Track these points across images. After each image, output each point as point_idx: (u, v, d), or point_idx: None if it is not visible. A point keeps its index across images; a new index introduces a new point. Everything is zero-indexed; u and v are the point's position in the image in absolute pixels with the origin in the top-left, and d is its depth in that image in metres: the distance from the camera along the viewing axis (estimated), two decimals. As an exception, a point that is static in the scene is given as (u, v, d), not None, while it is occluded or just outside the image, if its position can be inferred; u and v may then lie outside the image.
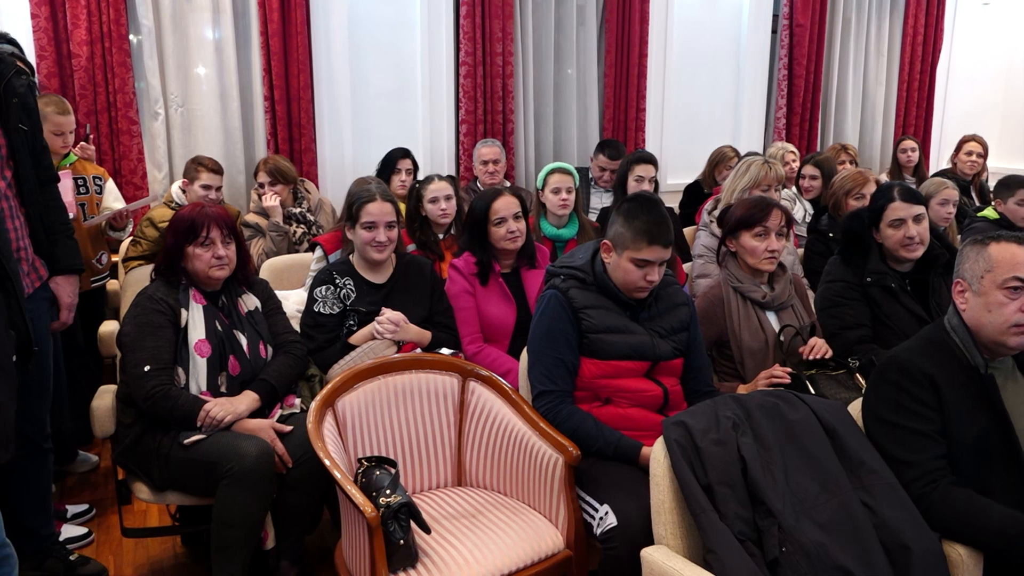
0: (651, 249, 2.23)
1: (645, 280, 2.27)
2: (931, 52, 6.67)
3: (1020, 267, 1.86)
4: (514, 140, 5.12)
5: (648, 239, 2.23)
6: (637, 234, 2.24)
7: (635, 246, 2.24)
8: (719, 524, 1.71)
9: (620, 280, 2.29)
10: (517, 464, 2.31)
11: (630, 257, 2.25)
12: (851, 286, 2.80)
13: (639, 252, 2.24)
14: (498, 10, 4.90)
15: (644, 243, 2.23)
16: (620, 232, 2.27)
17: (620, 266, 2.28)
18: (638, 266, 2.25)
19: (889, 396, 1.93)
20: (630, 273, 2.26)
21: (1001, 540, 1.74)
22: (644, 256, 2.24)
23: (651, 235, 2.23)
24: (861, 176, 3.75)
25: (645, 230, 2.23)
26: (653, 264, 2.26)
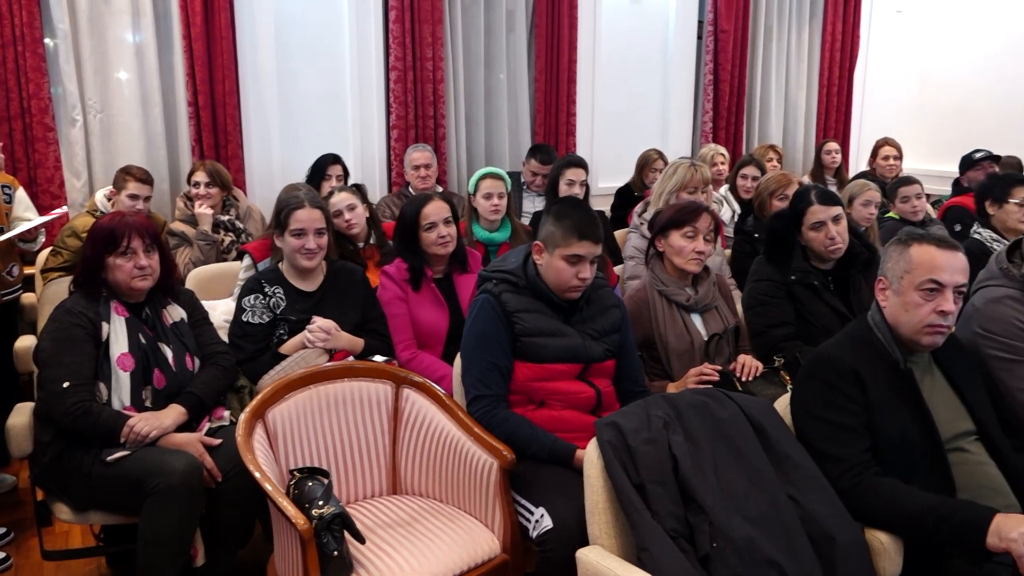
0: (581, 244, 2.26)
1: (577, 278, 2.28)
2: (848, 58, 6.90)
3: (937, 270, 1.93)
4: (446, 145, 5.11)
5: (578, 235, 2.26)
6: (567, 231, 2.27)
7: (566, 243, 2.26)
8: (652, 522, 1.73)
9: (553, 280, 2.31)
10: (452, 470, 2.30)
11: (561, 254, 2.27)
12: (776, 285, 2.88)
13: (570, 248, 2.26)
14: (427, 15, 4.88)
15: (574, 239, 2.26)
16: (550, 231, 2.30)
17: (552, 265, 2.30)
18: (570, 263, 2.27)
19: (817, 392, 1.99)
20: (563, 272, 2.28)
21: (922, 526, 1.80)
22: (575, 251, 2.26)
23: (580, 231, 2.26)
24: (784, 178, 3.86)
25: (575, 226, 2.27)
26: (584, 260, 2.28)
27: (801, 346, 2.72)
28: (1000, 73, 6.59)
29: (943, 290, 1.92)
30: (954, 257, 1.95)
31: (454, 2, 5.05)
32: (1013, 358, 2.08)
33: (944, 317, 1.92)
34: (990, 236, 3.46)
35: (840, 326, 2.29)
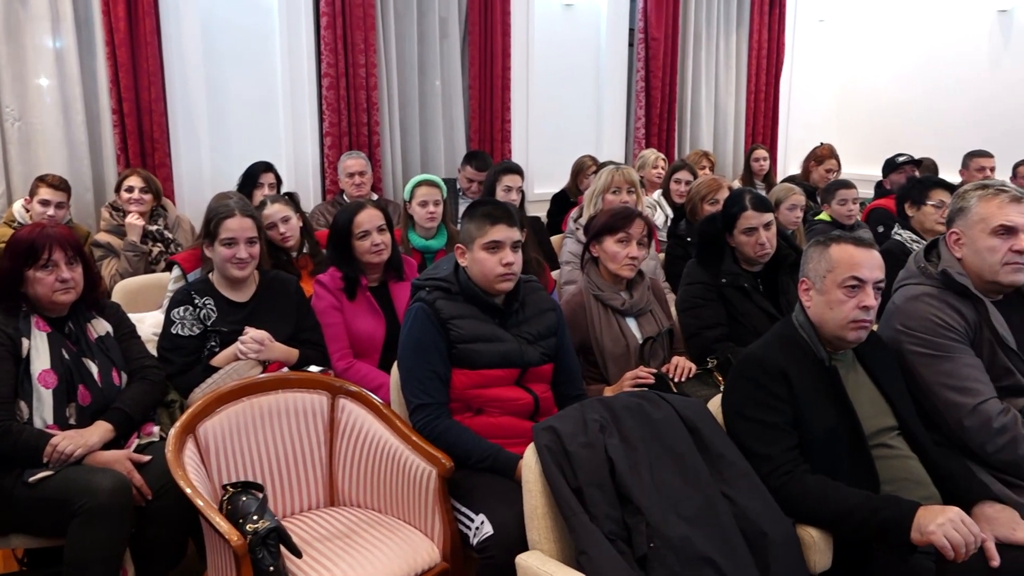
0: (496, 228, 2.28)
1: (502, 265, 2.29)
2: (775, 65, 7.09)
3: (857, 268, 2.00)
4: (380, 152, 5.08)
5: (490, 220, 2.29)
6: (480, 221, 2.30)
7: (481, 232, 2.29)
8: (590, 525, 1.75)
9: (480, 275, 2.31)
10: (390, 479, 2.28)
11: (481, 244, 2.29)
12: (708, 287, 2.93)
13: (486, 235, 2.28)
14: (359, 21, 4.84)
15: (488, 225, 2.29)
16: (466, 228, 2.34)
17: (476, 260, 2.30)
18: (491, 251, 2.28)
19: (746, 392, 2.03)
20: (486, 262, 2.29)
21: (850, 520, 1.85)
22: (492, 237, 2.28)
23: (492, 216, 2.30)
24: (715, 182, 3.94)
25: (485, 214, 2.32)
26: (504, 245, 2.29)
27: (733, 347, 2.78)
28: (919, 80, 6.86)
29: (864, 286, 1.99)
30: (871, 255, 2.03)
31: (387, 9, 5.02)
32: (932, 353, 2.15)
33: (866, 312, 1.99)
34: (910, 237, 3.59)
35: (770, 326, 2.34)
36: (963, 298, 2.19)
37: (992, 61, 6.48)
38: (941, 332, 2.15)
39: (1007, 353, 2.14)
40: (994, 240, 2.16)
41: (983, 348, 2.16)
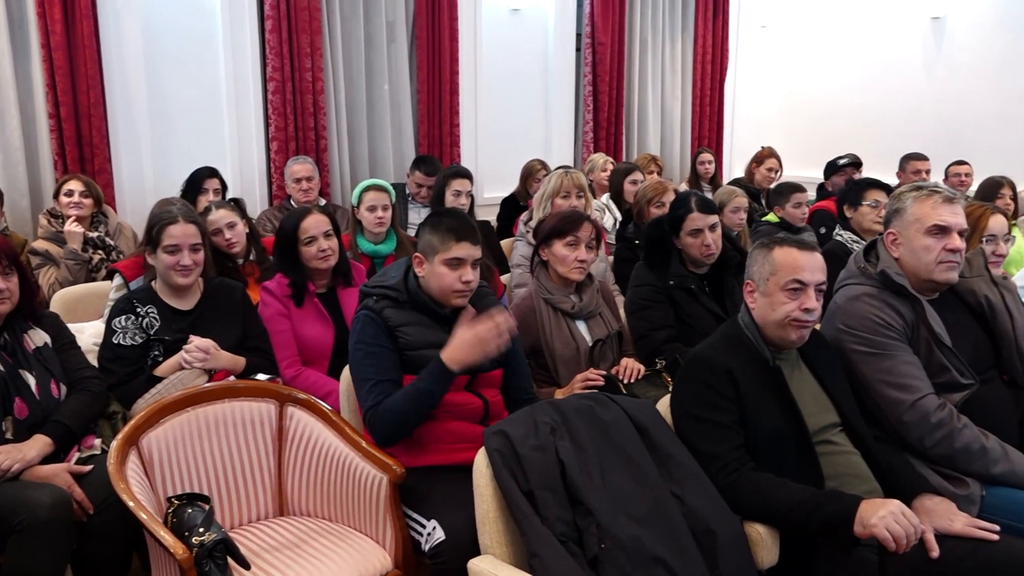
0: (460, 246, 2.26)
1: (461, 282, 2.28)
2: (719, 70, 7.22)
3: (799, 271, 2.05)
4: (328, 157, 5.03)
5: (456, 236, 2.26)
6: (444, 235, 2.27)
7: (444, 247, 2.26)
8: (541, 528, 1.76)
9: (437, 288, 2.30)
10: (341, 487, 2.26)
11: (442, 259, 2.27)
12: (656, 289, 2.97)
13: (449, 251, 2.26)
14: (305, 25, 4.79)
15: (452, 241, 2.26)
16: (428, 240, 2.30)
17: (435, 273, 2.29)
18: (451, 267, 2.27)
19: (694, 392, 2.06)
20: (445, 277, 2.27)
21: (796, 516, 1.89)
22: (455, 254, 2.26)
23: (458, 233, 2.27)
24: (661, 186, 4.00)
25: (451, 229, 2.28)
26: (465, 263, 2.28)
27: (681, 348, 2.81)
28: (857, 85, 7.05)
29: (806, 288, 2.04)
30: (813, 258, 2.07)
31: (333, 12, 4.98)
32: (872, 352, 2.21)
33: (808, 313, 2.04)
34: (850, 237, 3.68)
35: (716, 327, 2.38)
36: (901, 297, 2.25)
37: (926, 67, 6.69)
38: (881, 331, 2.21)
39: (943, 350, 2.21)
40: (929, 239, 2.22)
41: (920, 346, 2.22)
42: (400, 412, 2.18)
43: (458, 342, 2.17)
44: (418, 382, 2.19)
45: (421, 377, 2.19)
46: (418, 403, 2.18)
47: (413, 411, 2.18)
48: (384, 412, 2.18)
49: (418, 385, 2.18)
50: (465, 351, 2.16)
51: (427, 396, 2.18)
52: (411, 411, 2.18)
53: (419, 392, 2.18)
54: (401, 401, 2.18)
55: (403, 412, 2.18)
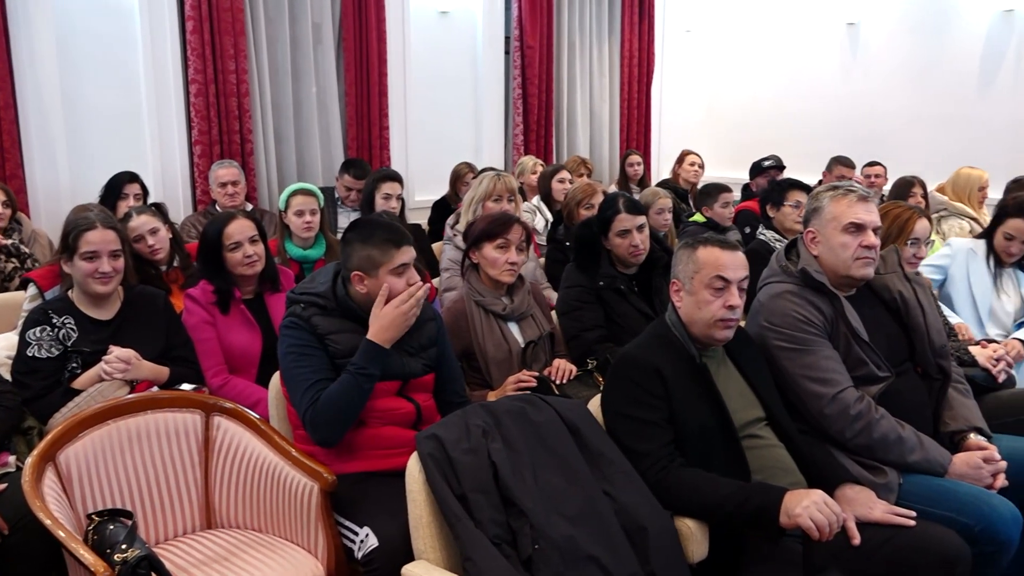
0: (401, 252, 2.25)
1: (409, 285, 2.27)
2: (645, 73, 7.34)
3: (722, 268, 2.09)
4: (254, 160, 4.93)
5: (395, 244, 2.25)
6: (383, 246, 2.24)
7: (388, 258, 2.24)
8: (474, 531, 1.75)
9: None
10: (270, 497, 2.21)
11: (389, 270, 2.24)
12: (586, 290, 3.00)
13: (393, 260, 2.24)
14: (228, 26, 4.69)
15: (393, 249, 2.24)
16: (367, 255, 2.25)
17: (383, 285, 2.25)
18: (399, 275, 2.25)
19: (623, 391, 2.09)
20: (396, 286, 2.25)
21: (724, 509, 1.93)
22: (400, 260, 2.24)
23: (395, 240, 2.25)
24: (590, 187, 4.04)
25: (387, 239, 2.25)
26: (409, 266, 2.27)
27: (612, 347, 2.84)
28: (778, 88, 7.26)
29: (729, 286, 2.09)
30: (735, 256, 2.12)
31: (256, 14, 4.88)
32: (794, 347, 2.27)
33: (732, 311, 2.08)
34: (773, 236, 3.78)
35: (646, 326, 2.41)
36: (820, 294, 2.32)
37: (843, 71, 6.92)
38: (802, 327, 2.28)
39: (860, 345, 2.28)
40: (845, 237, 2.30)
41: (839, 341, 2.29)
42: (341, 401, 2.15)
43: (379, 321, 2.20)
44: (352, 367, 2.17)
45: (354, 361, 2.18)
46: (357, 387, 2.16)
47: (354, 396, 2.16)
48: (324, 406, 2.15)
49: (352, 370, 2.17)
50: (387, 326, 2.19)
51: (365, 378, 2.17)
52: (352, 396, 2.16)
53: (356, 374, 2.16)
54: (339, 390, 2.16)
55: (344, 400, 2.15)
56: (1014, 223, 3.27)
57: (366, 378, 2.18)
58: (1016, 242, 3.26)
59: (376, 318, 2.21)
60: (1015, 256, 3.29)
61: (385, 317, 2.20)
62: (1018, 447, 2.33)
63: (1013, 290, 3.27)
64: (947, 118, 6.35)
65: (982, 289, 3.24)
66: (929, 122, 6.43)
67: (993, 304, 3.22)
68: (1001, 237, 3.29)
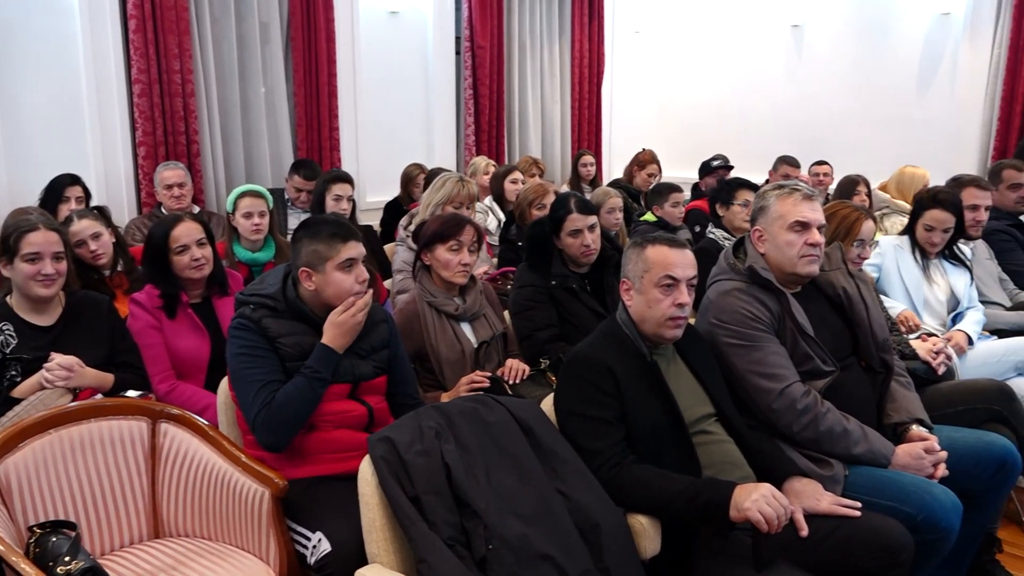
0: (348, 247, 2.24)
1: (358, 282, 2.26)
2: (596, 74, 7.39)
3: (671, 267, 2.12)
4: (201, 162, 4.84)
5: (342, 239, 2.24)
6: (330, 241, 2.23)
7: (334, 252, 2.23)
8: (428, 533, 1.75)
9: (335, 294, 2.25)
10: (220, 504, 2.18)
11: (335, 265, 2.23)
12: (538, 290, 3.01)
13: (340, 255, 2.23)
14: (172, 25, 4.59)
15: (340, 244, 2.23)
16: (313, 250, 2.24)
17: (331, 281, 2.24)
18: (346, 270, 2.24)
19: (575, 390, 2.10)
20: (344, 281, 2.23)
21: (675, 505, 1.96)
22: (346, 255, 2.23)
23: (342, 235, 2.25)
24: (541, 188, 4.05)
25: (334, 233, 2.25)
26: (357, 262, 2.26)
27: (565, 347, 2.86)
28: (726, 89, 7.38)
29: (678, 284, 2.11)
30: (684, 254, 2.15)
31: (202, 12, 4.79)
32: (743, 344, 2.31)
33: (681, 309, 2.11)
34: (722, 235, 3.84)
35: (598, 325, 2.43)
36: (767, 291, 2.36)
37: (788, 72, 7.07)
38: (750, 324, 2.31)
39: (806, 340, 2.33)
40: (791, 235, 2.34)
41: (786, 336, 2.34)
42: (294, 403, 2.14)
43: (335, 327, 2.21)
44: (306, 369, 2.17)
45: (307, 364, 2.18)
46: (310, 390, 2.15)
47: (307, 399, 2.15)
48: (278, 407, 2.13)
49: (307, 373, 2.16)
50: (344, 332, 2.22)
51: (319, 382, 2.17)
52: (305, 399, 2.15)
53: (311, 378, 2.15)
54: (293, 391, 2.15)
55: (297, 402, 2.14)
56: (931, 214, 3.36)
57: (319, 382, 2.17)
58: (936, 232, 3.34)
59: (332, 324, 2.21)
60: (937, 246, 3.37)
61: (343, 324, 2.21)
62: (957, 437, 2.40)
63: (942, 279, 3.37)
64: (888, 118, 6.53)
65: (913, 281, 3.34)
66: (871, 122, 6.60)
67: (926, 294, 3.31)
68: (922, 229, 3.38)
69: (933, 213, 3.36)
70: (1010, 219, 4.00)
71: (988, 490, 2.36)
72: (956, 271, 3.40)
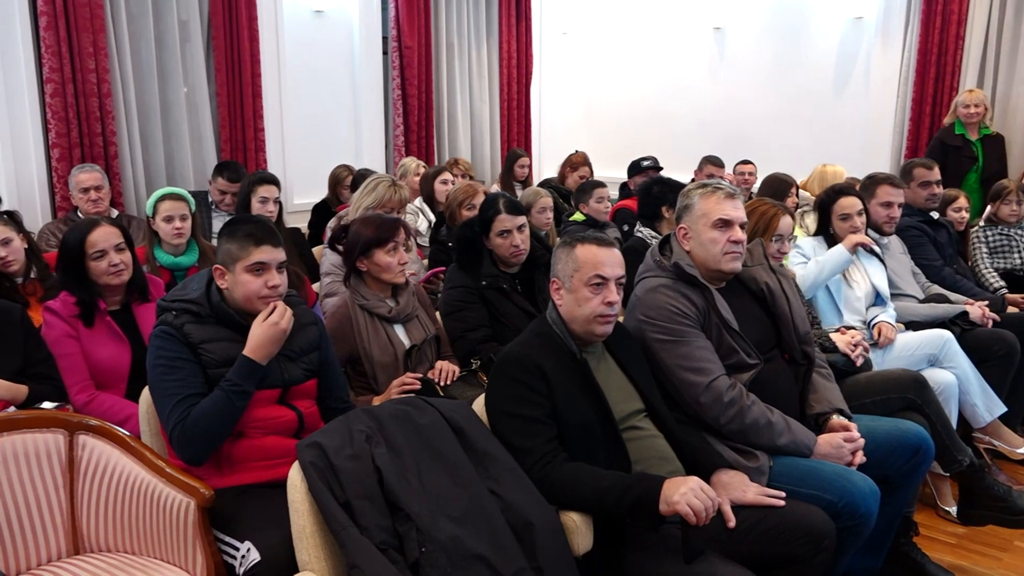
0: (260, 250, 2.19)
1: (267, 287, 2.20)
2: (524, 75, 7.42)
3: (600, 266, 2.15)
4: (119, 164, 4.68)
5: (254, 241, 2.19)
6: (243, 241, 2.19)
7: (245, 253, 2.18)
8: (360, 538, 1.73)
9: (242, 296, 2.20)
10: (144, 517, 2.11)
11: (244, 266, 2.18)
12: (469, 291, 3.01)
13: (250, 257, 2.18)
14: (86, 23, 4.43)
15: (252, 246, 2.19)
16: (226, 248, 2.21)
17: (239, 282, 2.19)
18: (255, 273, 2.19)
19: (506, 389, 2.11)
20: (250, 284, 2.19)
21: (606, 501, 1.98)
22: (256, 259, 2.18)
23: (256, 237, 2.20)
24: (471, 188, 4.06)
25: (248, 234, 2.20)
26: (269, 267, 2.21)
27: (496, 347, 2.86)
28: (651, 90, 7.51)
29: (607, 283, 2.14)
30: (612, 253, 2.18)
31: (118, 10, 4.63)
32: (670, 339, 2.35)
33: (611, 307, 2.14)
34: (649, 234, 3.89)
35: (529, 324, 2.44)
36: (693, 287, 2.41)
37: (711, 73, 7.22)
38: (676, 319, 2.36)
39: (731, 334, 2.39)
40: (715, 232, 2.40)
41: (712, 331, 2.39)
42: (212, 418, 2.07)
43: (256, 338, 2.15)
44: (225, 383, 2.11)
45: (228, 377, 2.11)
46: (230, 404, 2.09)
47: (226, 414, 2.09)
48: (194, 422, 2.07)
49: (226, 387, 2.10)
50: (265, 343, 2.15)
51: (239, 396, 2.10)
52: (223, 414, 2.09)
53: (230, 391, 2.09)
54: (211, 406, 2.09)
55: (215, 417, 2.08)
56: (841, 203, 3.44)
57: (240, 395, 2.11)
58: (853, 217, 3.41)
59: (253, 334, 2.15)
60: (860, 231, 3.43)
61: (262, 335, 2.15)
62: (875, 426, 2.49)
63: (860, 276, 3.48)
64: (806, 119, 6.73)
65: (833, 281, 3.44)
66: (790, 122, 6.79)
67: (846, 292, 3.42)
68: (838, 221, 3.45)
69: (842, 201, 3.45)
70: (921, 215, 4.16)
71: (904, 475, 2.45)
72: (872, 266, 3.52)
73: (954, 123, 5.45)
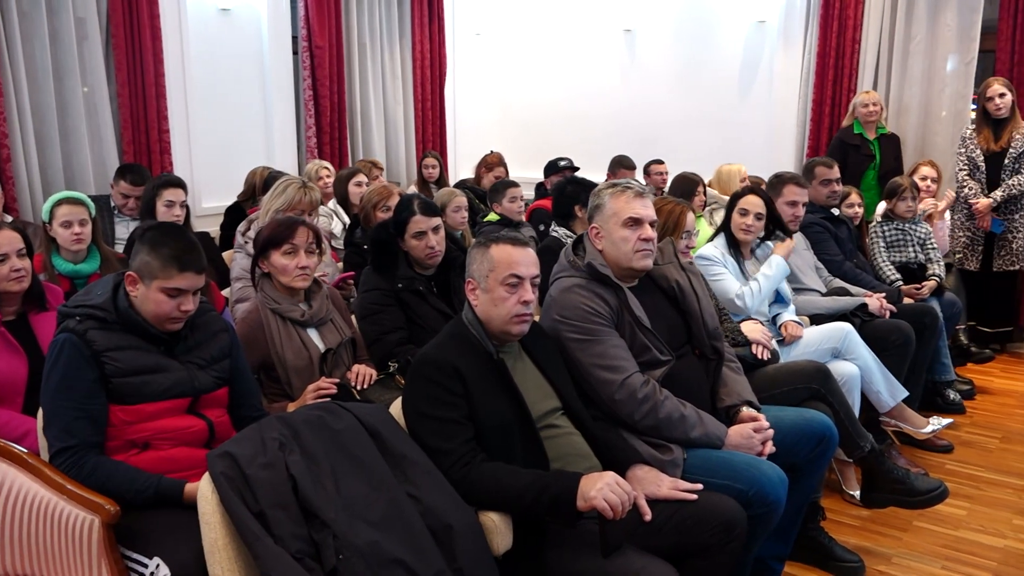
0: (183, 276, 2.11)
1: (179, 310, 2.14)
2: (438, 75, 7.39)
3: (515, 265, 2.16)
4: (12, 168, 4.45)
5: (178, 266, 2.11)
6: (166, 262, 2.10)
7: (165, 275, 2.10)
8: (275, 548, 1.70)
9: (151, 312, 2.13)
10: (45, 537, 2.02)
11: (160, 287, 2.10)
12: (385, 293, 2.98)
13: (170, 281, 2.10)
14: (-27, 19, 4.21)
15: (175, 271, 2.10)
16: (147, 261, 2.11)
17: (150, 298, 2.12)
18: (170, 296, 2.12)
19: (423, 391, 2.10)
20: (162, 304, 2.12)
21: (524, 500, 1.99)
22: (176, 284, 2.11)
23: (181, 262, 2.11)
24: (385, 190, 4.01)
25: (174, 257, 2.11)
26: (187, 293, 2.14)
27: (413, 349, 2.84)
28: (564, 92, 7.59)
29: (523, 282, 2.16)
30: (527, 253, 2.20)
31: (7, 6, 4.40)
32: (584, 338, 2.39)
33: (526, 306, 2.16)
34: (564, 233, 3.94)
35: (446, 326, 2.43)
36: (606, 286, 2.45)
37: (622, 75, 7.35)
38: (591, 318, 2.39)
39: (644, 332, 2.44)
40: (625, 231, 2.45)
41: (625, 329, 2.43)
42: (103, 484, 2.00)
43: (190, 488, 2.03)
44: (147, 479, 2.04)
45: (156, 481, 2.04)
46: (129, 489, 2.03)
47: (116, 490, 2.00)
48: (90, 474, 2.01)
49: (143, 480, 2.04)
50: None
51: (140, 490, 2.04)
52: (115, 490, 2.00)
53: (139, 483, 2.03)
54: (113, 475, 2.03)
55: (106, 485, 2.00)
56: (745, 200, 3.52)
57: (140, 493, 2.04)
58: (750, 215, 3.49)
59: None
60: (754, 230, 3.51)
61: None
62: (783, 416, 2.58)
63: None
64: (714, 119, 6.91)
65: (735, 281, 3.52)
66: (698, 123, 6.96)
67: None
68: (737, 215, 3.52)
69: (747, 198, 3.54)
70: (823, 212, 4.34)
71: (810, 462, 2.55)
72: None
73: (853, 123, 5.69)
